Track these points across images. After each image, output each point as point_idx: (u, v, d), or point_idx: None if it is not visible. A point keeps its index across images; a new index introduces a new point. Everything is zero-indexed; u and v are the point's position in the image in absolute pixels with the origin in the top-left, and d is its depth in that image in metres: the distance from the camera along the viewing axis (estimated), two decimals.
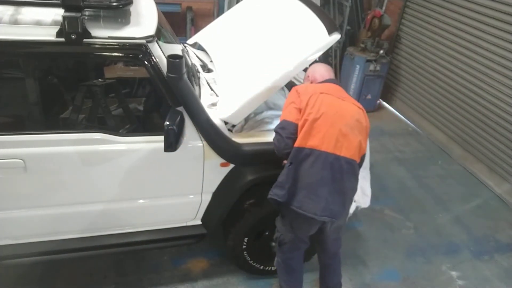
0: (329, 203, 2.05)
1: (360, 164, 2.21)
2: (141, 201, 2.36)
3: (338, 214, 2.11)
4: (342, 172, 2.05)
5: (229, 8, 4.53)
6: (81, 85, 2.76)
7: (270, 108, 2.73)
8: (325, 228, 2.21)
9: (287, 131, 2.08)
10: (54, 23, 1.86)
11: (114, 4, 1.90)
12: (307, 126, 2.04)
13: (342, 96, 2.18)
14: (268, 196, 2.11)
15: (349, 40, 6.11)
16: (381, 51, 5.24)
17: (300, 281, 2.45)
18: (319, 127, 2.03)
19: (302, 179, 2.05)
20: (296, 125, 2.08)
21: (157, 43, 2.05)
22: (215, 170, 2.35)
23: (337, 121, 2.06)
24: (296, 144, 2.06)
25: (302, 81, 3.11)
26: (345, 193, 2.11)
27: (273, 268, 2.75)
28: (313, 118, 2.04)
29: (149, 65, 2.00)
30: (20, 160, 1.99)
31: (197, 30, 4.01)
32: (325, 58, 6.00)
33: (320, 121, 2.04)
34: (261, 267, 2.75)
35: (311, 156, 2.03)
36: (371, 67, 5.31)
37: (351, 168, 2.08)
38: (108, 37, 1.92)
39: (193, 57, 2.99)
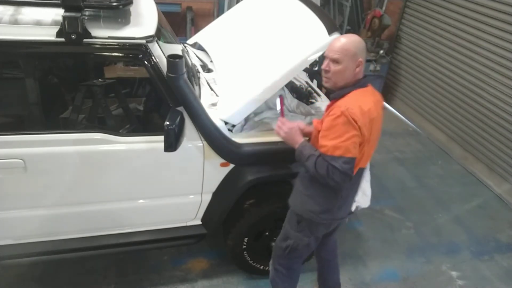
0: (352, 203, 2.18)
1: None
2: (141, 201, 2.36)
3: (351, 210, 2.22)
4: (362, 177, 2.11)
5: (229, 8, 4.53)
6: (81, 85, 2.76)
7: (270, 108, 2.73)
8: (339, 224, 2.26)
9: (352, 170, 1.84)
10: (54, 23, 1.86)
11: (114, 4, 1.90)
12: (359, 155, 1.88)
13: (381, 106, 1.97)
14: (317, 221, 2.05)
15: None
16: (381, 51, 5.25)
17: (297, 282, 2.45)
18: (366, 152, 1.92)
19: (343, 195, 2.02)
20: None
21: (157, 43, 2.05)
22: (215, 170, 2.34)
23: (376, 140, 1.99)
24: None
25: (301, 81, 3.12)
26: (357, 192, 2.20)
27: None
28: (364, 145, 1.89)
29: (149, 65, 2.00)
30: (20, 160, 1.99)
31: (197, 30, 4.01)
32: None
33: (368, 146, 1.91)
34: (261, 267, 2.75)
35: (356, 175, 1.96)
36: (371, 67, 5.31)
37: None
38: (108, 37, 1.92)
39: (193, 57, 2.99)
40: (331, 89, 1.94)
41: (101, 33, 1.91)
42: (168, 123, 1.92)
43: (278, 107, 2.13)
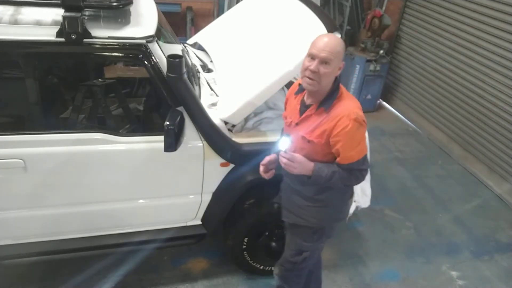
0: None
1: None
2: (141, 201, 2.36)
3: None
4: None
5: (229, 8, 4.53)
6: (81, 85, 2.76)
7: (270, 108, 2.73)
8: None
9: None
10: (54, 23, 1.86)
11: (114, 4, 1.90)
12: None
13: None
14: (336, 222, 2.10)
15: (349, 40, 6.11)
16: (381, 51, 5.24)
17: None
18: None
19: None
20: None
21: (157, 43, 2.05)
22: (215, 170, 2.35)
23: None
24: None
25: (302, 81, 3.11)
26: None
27: (272, 268, 2.75)
28: None
29: (149, 65, 2.00)
30: (20, 160, 2.00)
31: (197, 30, 4.01)
32: None
33: None
34: (261, 267, 2.75)
35: None
36: (371, 67, 5.31)
37: None
38: (108, 37, 1.92)
39: (193, 57, 2.99)
40: (311, 94, 1.79)
41: (101, 33, 1.91)
42: (168, 123, 1.93)
43: (285, 147, 1.78)
